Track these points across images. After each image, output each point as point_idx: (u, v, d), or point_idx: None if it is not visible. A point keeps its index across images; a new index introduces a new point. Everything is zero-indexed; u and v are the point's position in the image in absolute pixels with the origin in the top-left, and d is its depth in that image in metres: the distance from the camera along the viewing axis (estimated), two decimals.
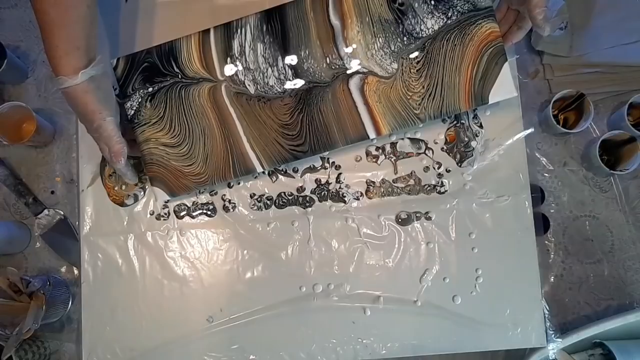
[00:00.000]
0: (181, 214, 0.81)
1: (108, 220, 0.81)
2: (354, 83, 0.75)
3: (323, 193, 0.81)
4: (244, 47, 0.75)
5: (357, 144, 0.77)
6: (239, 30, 0.75)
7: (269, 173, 0.81)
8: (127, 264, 0.80)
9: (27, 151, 0.88)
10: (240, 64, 0.75)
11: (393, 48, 0.75)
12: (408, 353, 0.78)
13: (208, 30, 0.75)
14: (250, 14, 0.75)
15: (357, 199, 0.81)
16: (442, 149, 0.81)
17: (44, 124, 0.85)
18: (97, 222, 0.81)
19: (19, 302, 0.78)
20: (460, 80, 0.75)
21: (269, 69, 0.75)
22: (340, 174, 0.81)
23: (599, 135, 0.87)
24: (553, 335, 0.79)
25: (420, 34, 0.75)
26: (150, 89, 0.75)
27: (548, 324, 0.79)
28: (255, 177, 0.81)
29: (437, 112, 0.75)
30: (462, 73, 0.75)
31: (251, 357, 0.78)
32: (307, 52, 0.75)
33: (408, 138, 0.81)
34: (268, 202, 0.81)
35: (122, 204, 0.81)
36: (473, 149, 0.81)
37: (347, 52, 0.75)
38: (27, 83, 0.90)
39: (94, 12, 0.66)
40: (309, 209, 0.81)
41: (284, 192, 0.81)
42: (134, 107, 0.75)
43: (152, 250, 0.80)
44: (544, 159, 0.87)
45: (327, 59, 0.75)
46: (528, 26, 0.73)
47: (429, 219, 0.80)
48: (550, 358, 0.79)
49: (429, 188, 0.81)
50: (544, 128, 0.87)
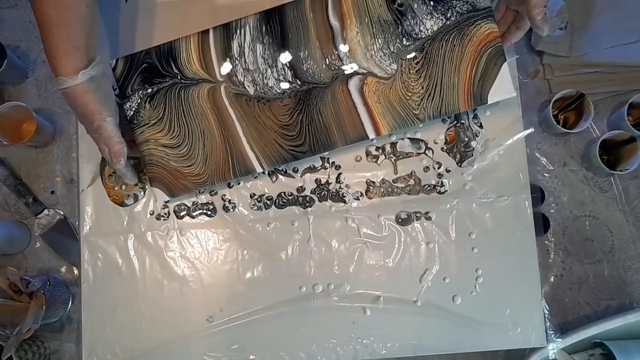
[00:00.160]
0: (181, 214, 0.81)
1: (108, 220, 0.81)
2: (353, 84, 0.75)
3: (323, 193, 0.81)
4: (244, 47, 0.75)
5: (357, 144, 0.77)
6: (238, 31, 0.75)
7: (269, 173, 0.81)
8: (127, 264, 0.80)
9: (27, 151, 0.88)
10: (239, 64, 0.75)
11: (392, 49, 0.75)
12: (408, 353, 0.78)
13: (207, 31, 0.75)
14: (249, 14, 0.75)
15: (357, 199, 0.81)
16: (442, 149, 0.81)
17: (44, 124, 0.85)
18: (97, 222, 0.81)
19: (19, 302, 0.78)
20: (460, 81, 0.75)
21: (268, 70, 0.75)
22: (340, 174, 0.81)
23: (599, 135, 0.87)
24: (553, 335, 0.79)
25: (420, 35, 0.75)
26: (150, 90, 0.75)
27: (548, 324, 0.79)
28: (255, 177, 0.81)
29: (436, 112, 0.75)
30: (461, 73, 0.75)
31: (251, 357, 0.78)
32: (306, 53, 0.75)
33: (408, 138, 0.81)
34: (268, 202, 0.81)
35: (122, 204, 0.81)
36: (473, 149, 0.81)
37: (347, 53, 0.75)
38: (27, 83, 0.90)
39: (93, 12, 0.66)
40: (309, 209, 0.81)
41: (284, 192, 0.81)
42: (133, 108, 0.75)
43: (152, 250, 0.80)
44: (544, 159, 0.87)
45: (327, 59, 0.75)
46: (527, 26, 0.73)
47: (429, 219, 0.80)
48: (550, 358, 0.79)
49: (429, 188, 0.81)
50: (544, 128, 0.87)
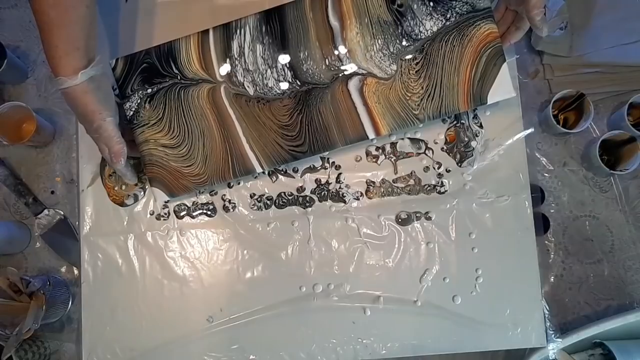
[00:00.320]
0: (181, 214, 0.81)
1: (108, 220, 0.81)
2: (353, 84, 0.75)
3: (323, 193, 0.81)
4: (243, 48, 0.75)
5: (357, 144, 0.77)
6: (238, 31, 0.75)
7: (269, 173, 0.81)
8: (127, 264, 0.80)
9: (27, 151, 0.88)
10: (239, 64, 0.75)
11: (392, 50, 0.75)
12: (408, 353, 0.78)
13: (207, 31, 0.75)
14: (249, 14, 0.75)
15: (357, 199, 0.81)
16: (442, 149, 0.81)
17: (44, 124, 0.85)
18: (97, 222, 0.81)
19: (19, 302, 0.78)
20: (459, 81, 0.75)
21: (268, 71, 0.75)
22: (340, 174, 0.81)
23: (599, 135, 0.86)
24: (553, 335, 0.79)
25: (419, 36, 0.75)
26: (150, 90, 0.75)
27: (548, 324, 0.79)
28: (255, 177, 0.81)
29: (436, 112, 0.75)
30: (460, 74, 0.75)
31: (251, 357, 0.78)
32: (306, 54, 0.75)
33: (408, 138, 0.81)
34: (268, 202, 0.81)
35: (122, 204, 0.81)
36: (473, 149, 0.81)
37: (346, 53, 0.75)
38: (27, 83, 0.90)
39: (93, 12, 0.66)
40: (309, 209, 0.81)
41: (284, 192, 0.81)
42: (133, 108, 0.75)
43: (152, 250, 0.80)
44: (544, 159, 0.87)
45: (326, 60, 0.75)
46: (526, 27, 0.73)
47: (429, 219, 0.80)
48: (550, 358, 0.79)
49: (429, 188, 0.81)
50: (544, 128, 0.87)
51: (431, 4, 0.74)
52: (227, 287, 0.80)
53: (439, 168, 0.81)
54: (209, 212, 0.81)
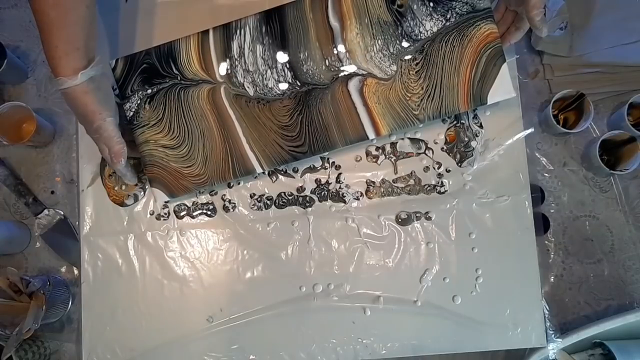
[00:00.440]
0: (181, 214, 0.81)
1: (108, 220, 0.81)
2: (353, 85, 0.75)
3: (323, 193, 0.81)
4: (243, 48, 0.75)
5: (357, 144, 0.77)
6: (238, 32, 0.75)
7: (269, 173, 0.81)
8: (127, 264, 0.80)
9: (27, 151, 0.88)
10: (239, 65, 0.75)
11: (392, 50, 0.75)
12: (408, 353, 0.78)
13: (207, 32, 0.75)
14: (249, 14, 0.75)
15: (357, 199, 0.81)
16: (442, 149, 0.81)
17: (44, 124, 0.85)
18: (97, 222, 0.81)
19: (19, 302, 0.78)
20: (459, 82, 0.75)
21: (268, 71, 0.75)
22: (340, 174, 0.81)
23: (599, 135, 0.86)
24: (553, 335, 0.79)
25: (419, 36, 0.75)
26: (149, 91, 0.75)
27: (548, 324, 0.79)
28: (255, 178, 0.81)
29: (436, 113, 0.75)
30: (460, 74, 0.75)
31: (251, 357, 0.78)
32: (306, 54, 0.75)
33: (408, 138, 0.81)
34: (268, 202, 0.81)
35: (122, 204, 0.81)
36: (473, 149, 0.81)
37: (346, 54, 0.75)
38: (27, 83, 0.90)
39: (93, 13, 0.66)
40: (309, 209, 0.81)
41: (284, 192, 0.81)
42: (133, 109, 0.75)
43: (152, 250, 0.80)
44: (544, 159, 0.87)
45: (326, 61, 0.75)
46: (526, 27, 0.73)
47: (429, 219, 0.80)
48: (550, 358, 0.79)
49: (429, 188, 0.81)
50: (544, 128, 0.87)
51: (431, 4, 0.74)
52: (227, 287, 0.80)
53: (439, 168, 0.81)
54: (209, 212, 0.81)
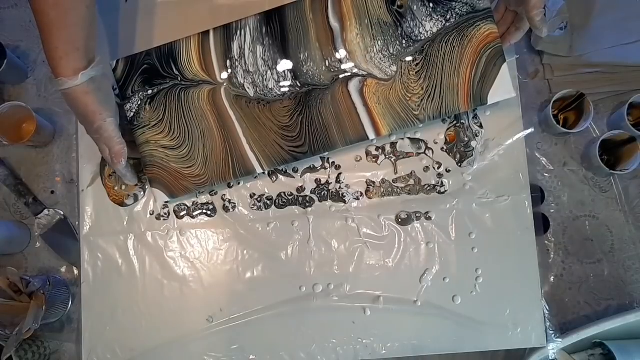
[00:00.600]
0: (181, 214, 0.81)
1: (108, 220, 0.81)
2: (353, 85, 0.75)
3: (323, 193, 0.81)
4: (244, 49, 0.75)
5: (357, 144, 0.77)
6: (238, 32, 0.75)
7: (269, 173, 0.81)
8: (127, 264, 0.80)
9: (27, 151, 0.88)
10: (239, 66, 0.75)
11: (392, 51, 0.75)
12: (408, 353, 0.79)
13: (208, 32, 0.75)
14: (250, 14, 0.75)
15: (357, 199, 0.81)
16: (442, 149, 0.81)
17: (44, 124, 0.85)
18: (97, 222, 0.81)
19: (19, 302, 0.78)
20: (459, 82, 0.75)
21: (269, 72, 0.75)
22: (340, 174, 0.81)
23: (599, 135, 0.86)
24: (553, 335, 0.79)
25: (419, 37, 0.75)
26: (150, 92, 0.75)
27: (548, 324, 0.79)
28: (255, 178, 0.81)
29: (436, 113, 0.75)
30: (461, 74, 0.75)
31: (251, 357, 0.78)
32: (306, 55, 0.75)
33: (408, 138, 0.81)
34: (268, 202, 0.81)
35: (122, 204, 0.81)
36: (473, 149, 0.81)
37: (346, 55, 0.75)
38: (27, 83, 0.90)
39: (93, 13, 0.65)
40: (309, 209, 0.81)
41: (284, 192, 0.81)
42: (134, 110, 0.75)
43: (152, 250, 0.80)
44: (544, 159, 0.87)
45: (327, 61, 0.75)
46: (526, 27, 0.73)
47: (429, 219, 0.80)
48: (550, 358, 0.79)
49: (429, 188, 0.81)
50: (544, 128, 0.87)
51: (431, 5, 0.74)
52: (227, 287, 0.80)
53: (439, 168, 0.81)
54: (209, 212, 0.81)
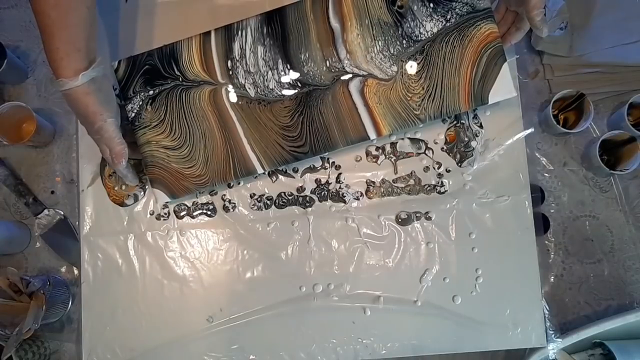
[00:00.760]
0: (181, 214, 0.81)
1: (108, 220, 0.81)
2: (353, 85, 0.75)
3: (323, 193, 0.81)
4: (245, 49, 0.75)
5: (358, 144, 0.77)
6: (239, 33, 0.75)
7: (269, 173, 0.81)
8: (127, 264, 0.80)
9: (27, 151, 0.88)
10: (240, 66, 0.75)
11: (392, 51, 0.75)
12: (408, 353, 0.79)
13: (209, 33, 0.75)
14: (250, 14, 0.75)
15: (357, 199, 0.81)
16: (442, 149, 0.81)
17: (44, 124, 0.85)
18: (97, 222, 0.81)
19: (19, 302, 0.78)
20: (460, 81, 0.75)
21: (269, 72, 0.75)
22: (340, 174, 0.81)
23: (599, 135, 0.86)
24: (553, 335, 0.79)
25: (420, 37, 0.75)
26: (151, 92, 0.75)
27: (548, 324, 0.79)
28: (255, 177, 0.81)
29: (437, 112, 0.75)
30: (461, 74, 0.75)
31: (251, 357, 0.78)
32: (307, 55, 0.75)
33: (408, 138, 0.81)
34: (268, 202, 0.81)
35: (122, 204, 0.81)
36: (473, 149, 0.81)
37: (347, 55, 0.75)
38: (27, 83, 0.90)
39: (93, 14, 0.65)
40: (309, 209, 0.81)
41: (284, 192, 0.81)
42: (135, 110, 0.75)
43: (152, 250, 0.80)
44: (544, 159, 0.87)
45: (327, 62, 0.75)
46: (527, 27, 0.73)
47: (429, 219, 0.80)
48: (550, 358, 0.79)
49: (429, 188, 0.81)
50: (544, 128, 0.87)
51: (431, 5, 0.74)
52: (227, 287, 0.80)
53: (439, 168, 0.81)
54: (209, 212, 0.81)
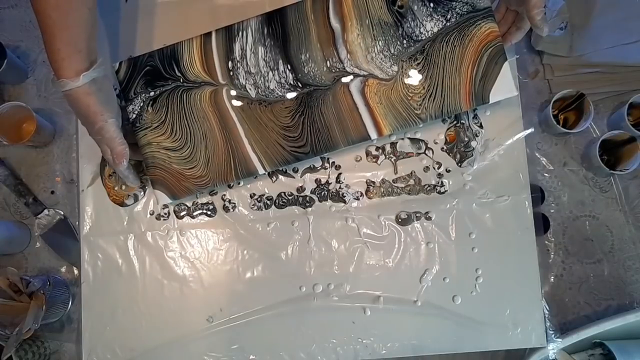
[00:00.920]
0: (181, 214, 0.81)
1: (108, 220, 0.81)
2: (354, 85, 0.75)
3: (323, 193, 0.81)
4: (245, 50, 0.75)
5: (358, 144, 0.77)
6: (240, 33, 0.75)
7: (269, 173, 0.81)
8: (127, 264, 0.80)
9: (27, 151, 0.88)
10: (241, 67, 0.75)
11: (393, 51, 0.75)
12: (408, 353, 0.79)
13: (210, 34, 0.75)
14: (250, 14, 0.75)
15: (357, 199, 0.81)
16: (442, 149, 0.81)
17: (44, 124, 0.85)
18: (97, 222, 0.81)
19: (19, 302, 0.78)
20: (461, 81, 0.75)
21: (270, 73, 0.75)
22: (340, 174, 0.81)
23: (599, 135, 0.86)
24: (553, 335, 0.79)
25: (420, 37, 0.75)
26: (152, 93, 0.75)
27: (548, 324, 0.79)
28: (255, 177, 0.81)
29: (438, 112, 0.75)
30: (462, 73, 0.75)
31: (251, 357, 0.78)
32: (307, 56, 0.75)
33: (408, 138, 0.81)
34: (268, 202, 0.81)
35: (122, 204, 0.81)
36: (473, 149, 0.81)
37: (347, 55, 0.75)
38: (27, 83, 0.90)
39: (94, 15, 0.65)
40: (309, 209, 0.81)
41: (284, 192, 0.81)
42: (136, 111, 0.75)
43: (152, 250, 0.80)
44: (544, 159, 0.87)
45: (328, 62, 0.75)
46: (527, 26, 0.73)
47: (429, 219, 0.80)
48: (550, 358, 0.79)
49: (429, 188, 0.81)
50: (544, 128, 0.87)
51: (431, 4, 0.74)
52: (227, 287, 0.80)
53: (439, 168, 0.81)
54: (209, 212, 0.81)
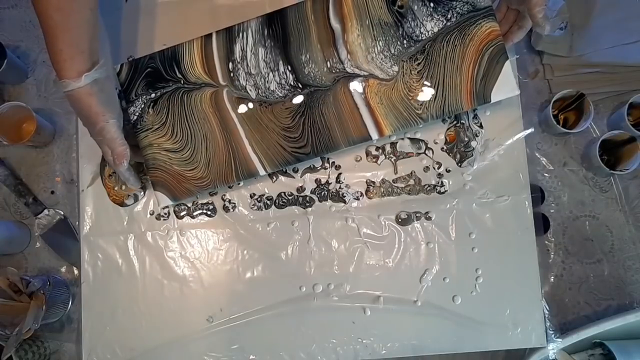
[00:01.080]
0: (181, 214, 0.81)
1: (108, 220, 0.81)
2: (355, 86, 0.75)
3: (323, 193, 0.81)
4: (246, 51, 0.75)
5: (359, 144, 0.77)
6: (240, 35, 0.75)
7: (269, 174, 0.81)
8: (127, 264, 0.80)
9: (27, 151, 0.88)
10: (241, 68, 0.75)
11: (393, 51, 0.75)
12: (408, 353, 0.79)
13: (210, 35, 0.75)
14: (250, 14, 0.75)
15: (357, 199, 0.81)
16: (442, 149, 0.81)
17: (44, 124, 0.85)
18: (97, 222, 0.81)
19: (19, 302, 0.78)
20: (462, 80, 0.75)
21: (270, 74, 0.75)
22: (340, 174, 0.81)
23: (599, 135, 0.86)
24: (553, 335, 0.79)
25: (420, 37, 0.75)
26: (153, 95, 0.75)
27: (548, 324, 0.79)
28: (255, 178, 0.81)
29: (439, 111, 0.75)
30: (463, 73, 0.75)
31: (251, 357, 0.78)
32: (307, 56, 0.75)
33: (408, 138, 0.81)
34: (268, 202, 0.81)
35: (122, 204, 0.81)
36: (473, 149, 0.81)
37: (348, 56, 0.75)
38: (27, 83, 0.90)
39: (96, 15, 0.65)
40: (309, 209, 0.81)
41: (284, 192, 0.81)
42: (137, 113, 0.75)
43: (152, 250, 0.80)
44: (544, 159, 0.87)
45: (328, 62, 0.75)
46: (528, 25, 0.73)
47: (429, 219, 0.80)
48: (550, 358, 0.79)
49: (429, 188, 0.81)
50: (544, 128, 0.87)
51: (432, 4, 0.74)
52: (227, 287, 0.80)
53: (439, 168, 0.81)
54: (209, 212, 0.81)
